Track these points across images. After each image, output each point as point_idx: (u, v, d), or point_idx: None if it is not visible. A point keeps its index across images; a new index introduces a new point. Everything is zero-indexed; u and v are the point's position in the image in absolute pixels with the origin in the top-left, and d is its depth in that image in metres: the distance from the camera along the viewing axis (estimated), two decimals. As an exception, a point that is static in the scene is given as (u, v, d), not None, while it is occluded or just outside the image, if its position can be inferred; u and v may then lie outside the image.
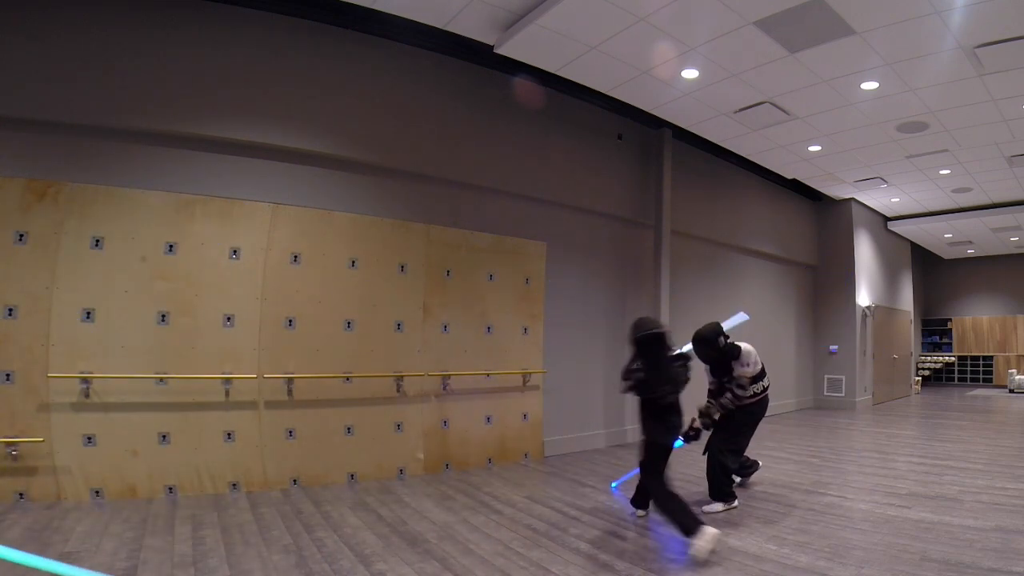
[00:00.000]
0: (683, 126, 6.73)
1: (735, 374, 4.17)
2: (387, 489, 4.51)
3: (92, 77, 3.92)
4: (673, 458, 3.56)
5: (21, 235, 3.75)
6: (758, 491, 4.61)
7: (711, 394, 4.39)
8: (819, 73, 5.26)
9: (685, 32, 4.64)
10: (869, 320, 10.52)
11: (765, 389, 4.33)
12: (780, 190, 9.57)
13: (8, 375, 3.66)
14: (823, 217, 10.64)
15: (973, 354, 14.79)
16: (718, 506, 4.02)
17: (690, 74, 5.37)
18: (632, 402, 6.98)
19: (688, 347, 4.05)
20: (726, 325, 4.27)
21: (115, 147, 4.08)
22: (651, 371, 3.39)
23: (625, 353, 6.86)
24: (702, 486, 4.20)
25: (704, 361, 4.27)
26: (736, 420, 4.22)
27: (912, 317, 13.20)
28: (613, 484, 4.76)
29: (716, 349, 4.14)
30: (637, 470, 3.98)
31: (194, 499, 4.00)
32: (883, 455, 6.02)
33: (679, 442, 4.02)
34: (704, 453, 4.19)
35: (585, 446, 6.32)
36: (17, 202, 3.75)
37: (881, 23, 4.40)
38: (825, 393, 10.36)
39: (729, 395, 4.15)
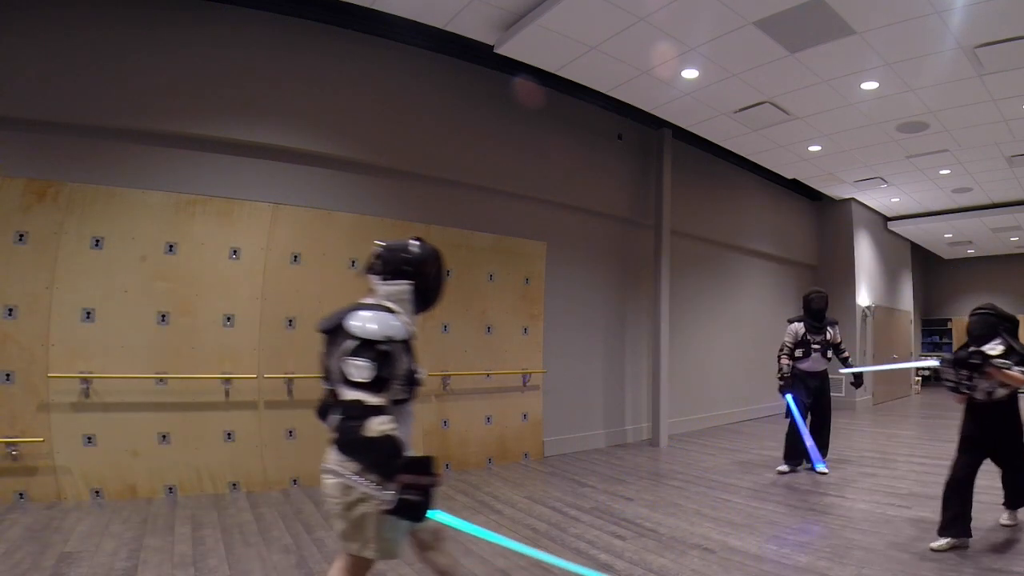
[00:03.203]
0: (683, 126, 6.72)
1: (834, 338, 5.46)
2: (387, 489, 4.50)
3: (92, 77, 3.92)
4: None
5: (21, 235, 3.75)
6: (758, 491, 4.61)
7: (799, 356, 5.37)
8: (819, 73, 5.25)
9: (685, 32, 4.63)
10: (869, 320, 10.52)
11: None
12: (780, 190, 9.56)
13: (8, 375, 3.66)
14: (823, 217, 10.63)
15: (973, 354, 14.77)
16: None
17: (690, 74, 5.36)
18: (634, 400, 7.02)
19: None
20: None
21: (115, 147, 4.07)
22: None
23: (625, 352, 6.92)
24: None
25: (822, 320, 5.42)
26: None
27: (912, 317, 13.20)
28: (818, 465, 5.18)
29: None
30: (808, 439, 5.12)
31: (194, 499, 4.00)
32: (883, 455, 6.02)
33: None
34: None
35: (585, 446, 6.32)
36: (17, 202, 3.75)
37: (881, 23, 4.39)
38: (825, 393, 10.35)
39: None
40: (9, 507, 3.55)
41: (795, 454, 5.33)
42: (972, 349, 3.23)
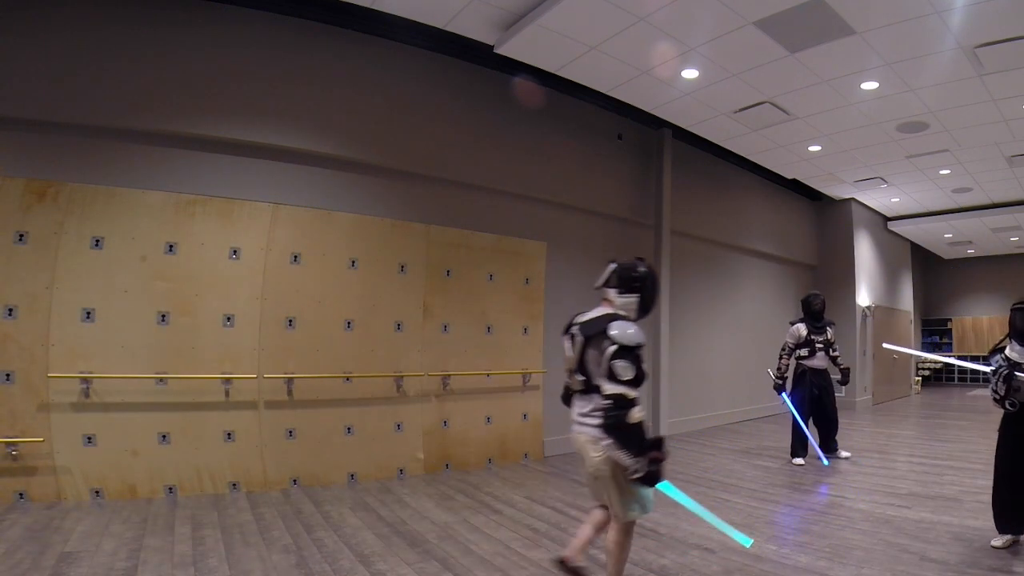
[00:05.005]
0: (683, 126, 6.72)
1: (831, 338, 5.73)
2: (387, 489, 4.51)
3: (92, 77, 3.92)
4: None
5: (21, 235, 3.75)
6: (758, 491, 4.61)
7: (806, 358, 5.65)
8: (819, 73, 5.25)
9: (685, 32, 4.63)
10: (869, 320, 10.51)
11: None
12: (780, 190, 9.56)
13: (8, 375, 3.66)
14: (823, 217, 10.63)
15: (973, 354, 14.78)
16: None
17: (690, 74, 5.36)
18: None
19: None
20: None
21: (115, 147, 4.07)
22: None
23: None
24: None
25: (821, 320, 5.71)
26: None
27: (912, 317, 13.20)
28: (825, 461, 5.52)
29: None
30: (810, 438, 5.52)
31: (194, 499, 4.00)
32: (883, 455, 6.02)
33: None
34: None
35: (585, 446, 6.31)
36: (17, 202, 3.75)
37: (881, 23, 4.39)
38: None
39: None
40: (9, 507, 3.55)
41: (802, 447, 5.64)
42: None
